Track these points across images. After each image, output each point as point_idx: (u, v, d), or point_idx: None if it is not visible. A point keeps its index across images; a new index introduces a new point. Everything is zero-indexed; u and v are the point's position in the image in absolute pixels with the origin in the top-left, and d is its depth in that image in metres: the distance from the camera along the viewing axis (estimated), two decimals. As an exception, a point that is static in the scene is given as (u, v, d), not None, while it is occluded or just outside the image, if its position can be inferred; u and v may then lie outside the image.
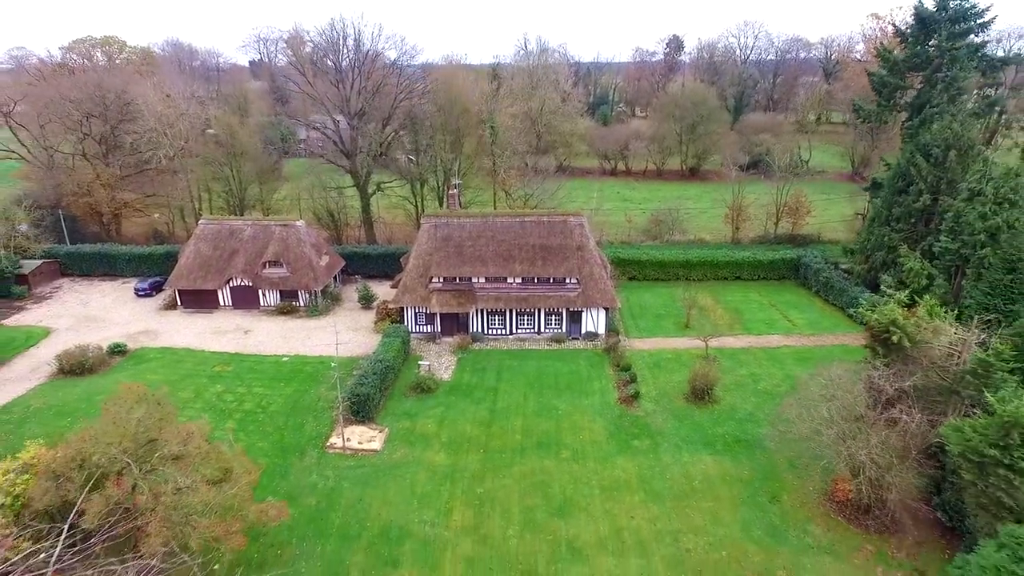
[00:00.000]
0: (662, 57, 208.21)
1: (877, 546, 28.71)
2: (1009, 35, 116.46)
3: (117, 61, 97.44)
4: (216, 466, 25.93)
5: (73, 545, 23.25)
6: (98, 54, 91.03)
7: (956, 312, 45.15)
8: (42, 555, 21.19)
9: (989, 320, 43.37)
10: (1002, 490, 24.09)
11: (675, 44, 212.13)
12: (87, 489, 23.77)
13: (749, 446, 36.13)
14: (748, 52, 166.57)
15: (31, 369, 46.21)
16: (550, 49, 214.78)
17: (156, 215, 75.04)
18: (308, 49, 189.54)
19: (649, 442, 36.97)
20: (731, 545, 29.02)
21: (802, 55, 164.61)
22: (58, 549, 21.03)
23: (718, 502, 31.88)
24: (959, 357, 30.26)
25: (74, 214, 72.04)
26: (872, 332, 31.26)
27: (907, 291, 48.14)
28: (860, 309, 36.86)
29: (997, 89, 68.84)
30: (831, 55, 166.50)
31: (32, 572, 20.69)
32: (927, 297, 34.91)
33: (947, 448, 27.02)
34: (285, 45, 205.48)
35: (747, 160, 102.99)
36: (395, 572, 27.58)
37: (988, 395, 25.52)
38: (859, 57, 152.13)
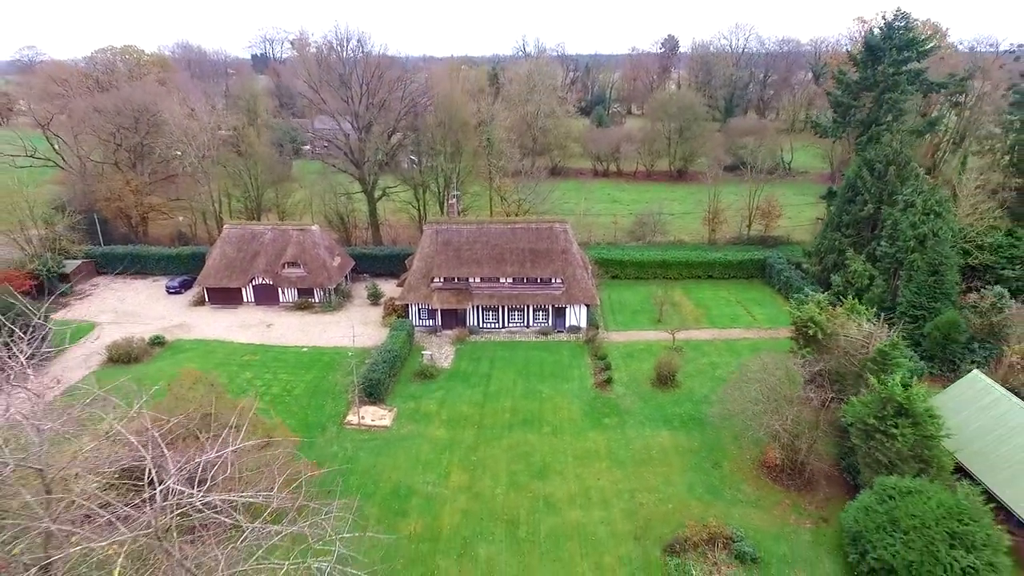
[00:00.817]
0: (658, 57, 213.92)
1: (794, 500, 35.42)
2: (977, 43, 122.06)
3: (136, 69, 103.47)
4: (262, 434, 32.62)
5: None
6: (119, 64, 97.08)
7: (892, 308, 51.96)
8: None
9: (917, 315, 50.25)
10: (879, 451, 30.77)
11: (670, 44, 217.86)
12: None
13: (701, 423, 42.82)
14: (740, 54, 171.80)
15: (84, 358, 52.88)
16: (548, 51, 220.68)
17: (180, 218, 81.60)
18: (312, 50, 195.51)
19: (617, 420, 43.71)
20: (677, 500, 35.76)
21: (791, 57, 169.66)
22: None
23: (670, 468, 38.60)
24: (868, 347, 36.84)
25: (104, 217, 78.55)
26: (795, 326, 37.84)
27: (853, 289, 55.09)
28: (788, 307, 43.25)
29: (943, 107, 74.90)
30: (819, 57, 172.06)
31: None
32: (850, 297, 41.38)
33: (843, 420, 33.73)
34: (291, 46, 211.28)
35: (730, 162, 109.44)
36: (404, 520, 34.31)
37: (871, 377, 32.14)
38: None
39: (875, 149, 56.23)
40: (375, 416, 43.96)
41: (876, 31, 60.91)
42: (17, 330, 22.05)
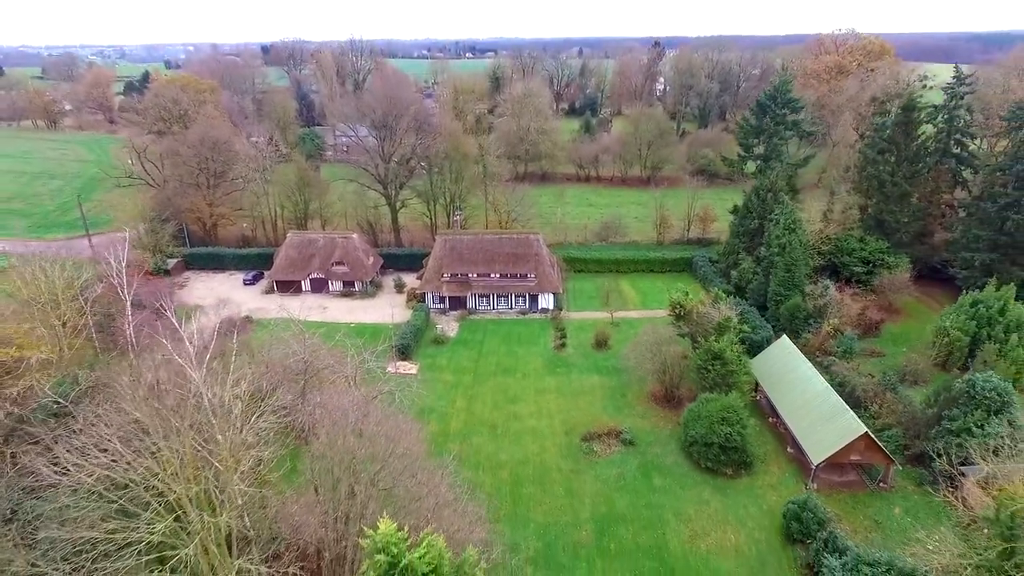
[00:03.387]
0: (646, 61, 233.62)
1: (665, 414, 57.98)
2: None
3: (196, 96, 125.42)
4: (348, 375, 55.16)
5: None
6: (184, 98, 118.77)
7: (766, 295, 73.79)
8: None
9: (778, 300, 72.42)
10: (705, 379, 53.25)
11: (657, 50, 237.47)
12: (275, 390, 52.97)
13: (619, 371, 65.20)
14: (714, 65, 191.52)
15: (200, 331, 75.59)
16: (543, 59, 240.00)
17: (244, 224, 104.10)
18: (329, 59, 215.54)
19: (565, 369, 66.36)
20: (593, 414, 58.36)
21: (756, 71, 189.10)
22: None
23: (594, 397, 61.23)
24: (714, 320, 59.11)
25: (185, 224, 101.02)
26: (671, 307, 60.18)
27: (744, 281, 76.96)
28: (669, 294, 65.06)
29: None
30: (786, 68, 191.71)
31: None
32: (716, 288, 63.53)
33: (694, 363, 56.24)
34: (312, 58, 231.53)
35: (691, 169, 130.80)
36: (427, 425, 57.02)
37: (704, 339, 54.51)
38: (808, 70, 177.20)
39: (761, 179, 78.04)
40: (406, 367, 66.70)
41: (764, 93, 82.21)
42: (162, 304, 44.14)
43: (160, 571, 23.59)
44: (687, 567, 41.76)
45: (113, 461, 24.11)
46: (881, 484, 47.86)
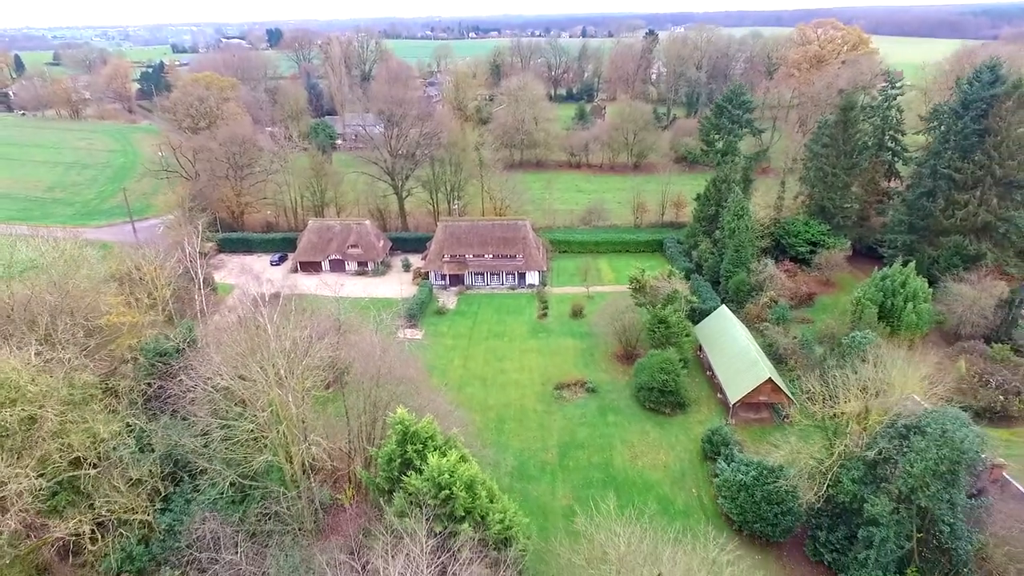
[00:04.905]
0: (640, 49, 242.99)
1: (624, 369, 71.07)
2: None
3: (219, 93, 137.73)
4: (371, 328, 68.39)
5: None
6: (209, 96, 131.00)
7: (719, 271, 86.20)
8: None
9: (728, 276, 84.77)
10: (653, 338, 66.26)
11: (650, 39, 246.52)
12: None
13: (591, 335, 78.26)
14: (701, 55, 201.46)
15: (237, 302, 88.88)
16: (541, 48, 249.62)
17: (268, 211, 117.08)
18: (337, 51, 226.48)
19: (546, 334, 79.52)
20: (566, 369, 71.57)
21: (744, 58, 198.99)
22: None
23: (567, 356, 74.41)
24: (665, 292, 71.91)
25: (215, 212, 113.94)
26: (631, 282, 72.99)
27: (703, 260, 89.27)
28: (629, 273, 77.60)
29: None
30: (770, 56, 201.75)
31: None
32: (671, 267, 76.18)
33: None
34: (320, 50, 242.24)
35: (674, 157, 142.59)
36: (430, 379, 70.34)
37: (653, 307, 67.42)
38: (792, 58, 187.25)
39: (718, 171, 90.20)
40: (413, 333, 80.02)
41: (722, 96, 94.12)
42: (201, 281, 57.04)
43: (258, 447, 37.06)
44: (626, 478, 55.22)
45: (219, 376, 37.59)
46: (785, 419, 60.91)
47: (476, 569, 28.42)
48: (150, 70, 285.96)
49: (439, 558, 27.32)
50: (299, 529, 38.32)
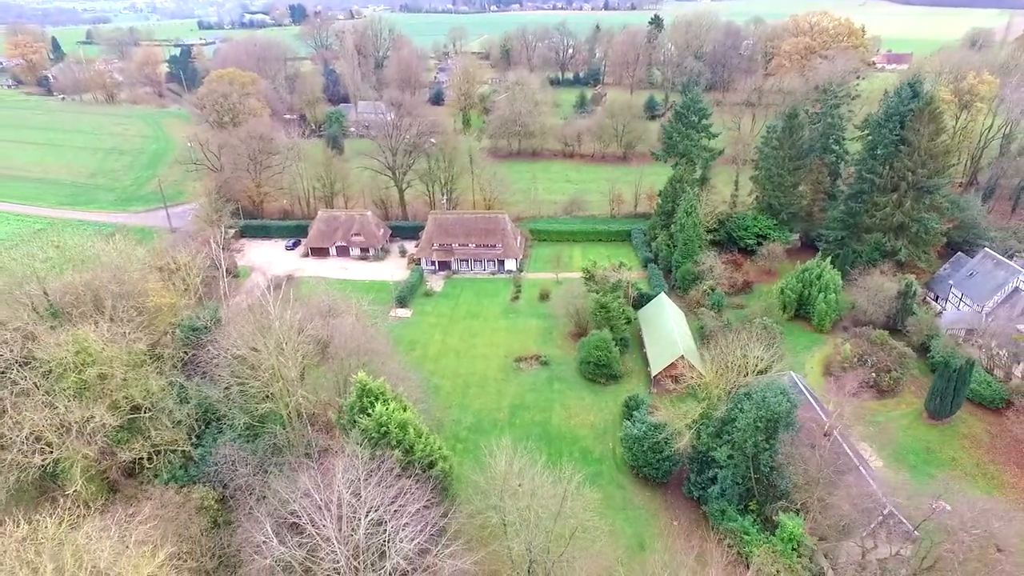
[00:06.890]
0: (646, 35, 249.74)
1: (575, 346, 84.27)
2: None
3: (241, 88, 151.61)
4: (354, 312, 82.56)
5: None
6: (232, 91, 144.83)
7: (669, 262, 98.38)
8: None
9: (678, 266, 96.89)
10: (596, 320, 79.27)
11: (656, 23, 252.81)
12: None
13: (553, 317, 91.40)
14: (700, 45, 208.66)
15: (254, 285, 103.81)
16: (549, 34, 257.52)
17: (284, 200, 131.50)
18: (351, 40, 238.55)
19: (515, 315, 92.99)
20: (526, 345, 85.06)
21: (744, 46, 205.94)
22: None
23: (530, 334, 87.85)
24: (618, 279, 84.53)
25: (238, 201, 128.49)
26: (583, 271, 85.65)
27: (661, 251, 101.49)
28: (581, 264, 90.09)
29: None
30: (767, 47, 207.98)
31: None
32: (622, 259, 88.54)
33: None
34: (336, 38, 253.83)
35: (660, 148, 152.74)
36: (413, 352, 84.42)
37: (606, 294, 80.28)
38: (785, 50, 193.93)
39: (675, 172, 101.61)
40: (403, 313, 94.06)
41: (680, 104, 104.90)
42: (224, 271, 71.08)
43: (264, 399, 51.80)
44: (559, 433, 68.97)
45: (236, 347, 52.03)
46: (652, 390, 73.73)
47: (405, 482, 42.38)
48: (178, 53, 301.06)
49: (379, 469, 41.25)
50: (293, 455, 53.08)
